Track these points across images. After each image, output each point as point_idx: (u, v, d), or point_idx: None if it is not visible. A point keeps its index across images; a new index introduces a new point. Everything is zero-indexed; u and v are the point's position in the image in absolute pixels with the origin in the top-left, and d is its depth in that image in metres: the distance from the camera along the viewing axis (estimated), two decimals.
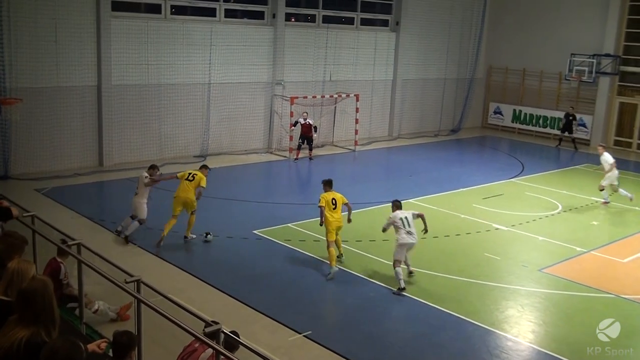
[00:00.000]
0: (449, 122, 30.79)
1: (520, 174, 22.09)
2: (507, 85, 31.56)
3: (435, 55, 29.59)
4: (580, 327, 10.85)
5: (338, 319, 10.72)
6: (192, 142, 22.21)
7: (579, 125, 28.54)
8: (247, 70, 23.07)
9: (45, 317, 4.57)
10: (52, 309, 4.64)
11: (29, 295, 4.57)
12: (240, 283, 11.94)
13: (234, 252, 13.56)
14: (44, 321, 4.56)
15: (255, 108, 23.64)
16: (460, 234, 15.30)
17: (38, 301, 4.56)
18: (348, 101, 25.47)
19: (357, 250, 13.78)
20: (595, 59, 27.66)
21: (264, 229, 14.87)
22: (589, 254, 14.38)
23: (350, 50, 26.14)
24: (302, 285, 11.98)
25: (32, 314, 4.54)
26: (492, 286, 12.34)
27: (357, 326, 10.42)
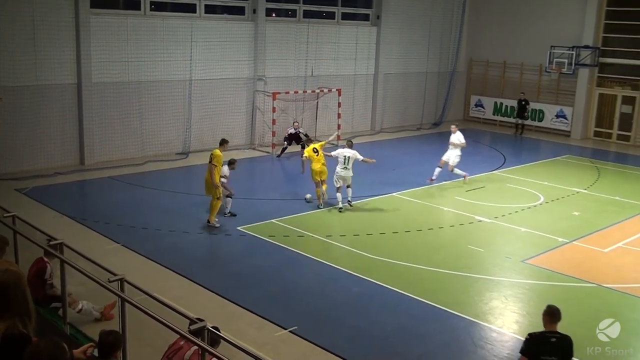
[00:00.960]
0: (431, 115, 30.92)
1: (502, 166, 22.25)
2: (488, 78, 31.74)
3: (417, 49, 29.68)
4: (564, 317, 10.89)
5: (323, 314, 10.74)
6: (174, 139, 22.10)
7: (557, 117, 28.85)
8: (228, 66, 22.99)
9: (20, 309, 4.54)
10: (26, 301, 4.60)
11: (2, 288, 4.53)
12: (224, 280, 11.93)
13: (218, 249, 13.54)
14: (19, 314, 4.53)
15: (237, 104, 23.58)
16: (444, 227, 15.39)
17: (11, 293, 4.53)
18: (330, 96, 25.48)
19: (341, 245, 13.82)
20: (574, 50, 27.90)
21: (248, 225, 14.85)
22: (571, 244, 14.52)
23: (332, 45, 26.14)
24: (287, 281, 11.99)
25: (6, 307, 4.50)
26: (475, 278, 12.43)
27: (342, 320, 10.46)
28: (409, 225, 15.36)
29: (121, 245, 13.39)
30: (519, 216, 16.47)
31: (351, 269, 12.47)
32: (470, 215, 16.23)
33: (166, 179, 19.06)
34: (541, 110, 29.71)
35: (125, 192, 17.51)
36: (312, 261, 12.88)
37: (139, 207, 16.19)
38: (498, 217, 16.25)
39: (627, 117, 27.69)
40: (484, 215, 16.27)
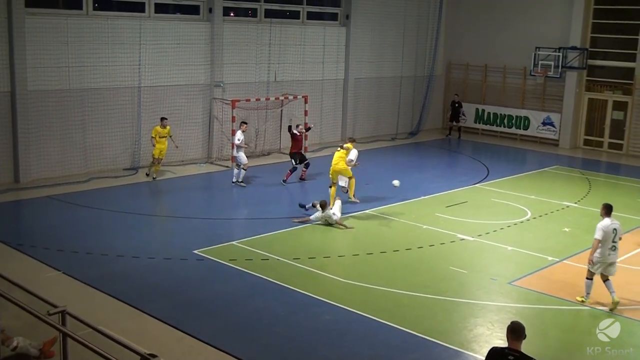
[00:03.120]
0: (407, 124, 31.19)
1: (485, 179, 22.51)
2: (468, 82, 32.17)
3: (390, 52, 29.96)
4: (556, 343, 11.09)
5: (292, 345, 10.69)
6: (121, 153, 21.90)
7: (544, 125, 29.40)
8: (182, 71, 22.92)
9: None
10: None
11: None
12: (180, 310, 11.81)
13: (172, 276, 13.41)
14: None
15: (192, 113, 23.48)
16: (423, 247, 15.49)
17: None
18: (296, 104, 25.54)
19: (310, 268, 13.80)
20: (561, 52, 28.46)
21: (206, 248, 14.75)
22: (561, 263, 14.72)
23: (297, 48, 26.24)
24: (251, 310, 11.91)
25: None
26: (459, 302, 12.50)
27: (312, 352, 10.42)
28: (385, 246, 15.41)
29: (62, 273, 13.18)
30: (504, 233, 16.65)
31: (322, 295, 12.45)
32: (451, 234, 16.36)
33: (113, 198, 18.85)
34: (526, 117, 30.19)
35: (66, 213, 17.27)
36: (278, 287, 12.82)
37: (82, 230, 15.97)
38: (482, 234, 16.41)
39: (619, 124, 28.28)
40: (466, 233, 16.40)
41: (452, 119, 31.03)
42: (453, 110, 30.91)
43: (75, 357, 6.57)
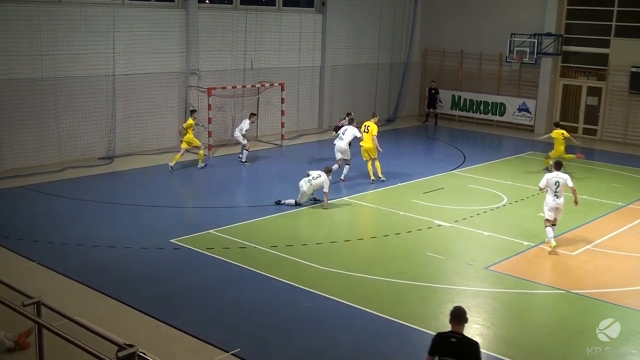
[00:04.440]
0: (384, 110, 31.17)
1: (461, 165, 22.63)
2: (444, 69, 32.25)
3: (366, 38, 29.93)
4: (531, 327, 11.21)
5: (270, 333, 10.70)
6: (97, 142, 21.71)
7: (519, 111, 29.60)
8: (157, 59, 22.73)
9: None
10: None
11: None
12: (157, 299, 11.76)
13: (149, 265, 13.35)
14: None
15: (167, 102, 23.33)
16: (401, 233, 15.55)
17: None
18: (272, 91, 25.46)
19: (288, 256, 13.81)
20: (536, 38, 28.62)
21: (183, 237, 14.70)
22: (537, 248, 14.86)
23: (273, 35, 26.12)
24: (228, 298, 11.90)
25: None
26: (436, 288, 12.59)
27: (292, 339, 10.44)
28: (362, 232, 15.46)
29: (37, 263, 13.07)
30: (481, 219, 16.77)
31: (299, 283, 12.47)
32: (428, 220, 16.44)
33: (88, 188, 18.69)
34: (502, 103, 30.36)
35: (40, 203, 17.09)
36: (256, 275, 12.82)
37: (57, 220, 15.83)
38: (458, 220, 16.51)
39: (593, 110, 28.55)
40: (443, 219, 16.50)
41: (428, 106, 31.12)
42: (430, 97, 31.00)
43: (52, 348, 6.52)
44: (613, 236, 15.78)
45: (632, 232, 16.17)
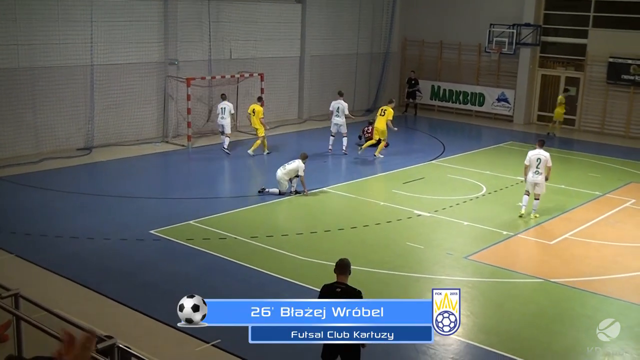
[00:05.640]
0: (364, 101, 31.23)
1: (441, 155, 22.73)
2: (423, 59, 32.31)
3: (346, 29, 29.90)
4: (510, 316, 11.32)
5: None
6: (74, 133, 21.52)
7: (498, 101, 29.77)
8: (136, 49, 22.54)
9: None
10: None
11: None
12: (137, 291, 11.73)
13: (129, 257, 13.29)
14: None
15: (146, 92, 23.17)
16: (380, 223, 15.60)
17: None
18: (252, 81, 25.37)
19: (268, 247, 13.81)
20: (515, 29, 28.76)
21: (162, 228, 14.64)
22: (516, 237, 15.00)
23: (252, 25, 25.99)
24: (208, 289, 11.87)
25: None
26: (416, 277, 12.67)
27: None
28: (343, 222, 15.49)
29: (15, 255, 12.96)
30: (460, 209, 16.87)
31: (280, 273, 12.48)
32: (408, 210, 16.51)
33: (66, 179, 18.54)
34: (481, 93, 30.50)
35: (18, 195, 16.93)
36: (236, 266, 12.82)
37: (35, 212, 15.70)
38: (438, 210, 16.60)
39: (571, 100, 28.75)
40: (423, 209, 16.58)
41: (408, 96, 31.19)
42: (409, 87, 31.08)
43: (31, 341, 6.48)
44: (590, 225, 15.95)
45: (609, 221, 16.36)
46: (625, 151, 24.62)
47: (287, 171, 17.02)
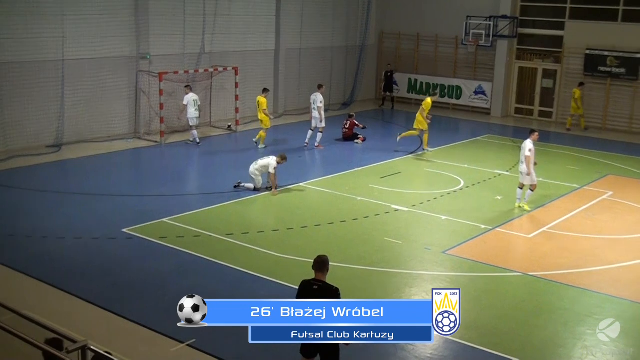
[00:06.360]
0: (340, 95, 31.24)
1: (418, 149, 22.79)
2: (400, 52, 32.38)
3: (322, 21, 29.86)
4: (488, 310, 11.39)
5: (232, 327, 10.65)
6: (44, 129, 21.27)
7: (475, 94, 29.94)
8: (107, 43, 22.31)
9: None
10: None
11: None
12: (109, 291, 11.63)
13: (100, 256, 13.18)
14: None
15: (118, 87, 22.97)
16: (358, 218, 15.62)
17: None
18: (226, 75, 25.26)
19: (244, 244, 13.77)
20: (492, 21, 28.91)
21: (135, 226, 14.54)
22: (494, 231, 15.10)
23: (226, 18, 25.86)
24: (183, 288, 11.75)
25: None
26: (394, 273, 12.70)
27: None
28: (320, 218, 15.49)
29: None
30: (438, 203, 16.94)
31: (256, 271, 12.45)
32: (386, 205, 16.55)
33: (36, 177, 18.34)
34: (458, 86, 30.63)
35: None
36: (211, 264, 12.77)
37: (4, 211, 15.51)
38: (416, 205, 16.66)
39: (549, 92, 29.02)
40: (400, 204, 16.62)
41: (385, 89, 31.26)
42: (386, 80, 31.13)
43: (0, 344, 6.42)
44: (568, 218, 16.11)
45: (586, 213, 16.52)
46: (603, 143, 24.90)
47: (259, 166, 17.00)
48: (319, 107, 22.25)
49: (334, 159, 21.51)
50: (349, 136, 23.49)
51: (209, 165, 20.73)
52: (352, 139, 23.45)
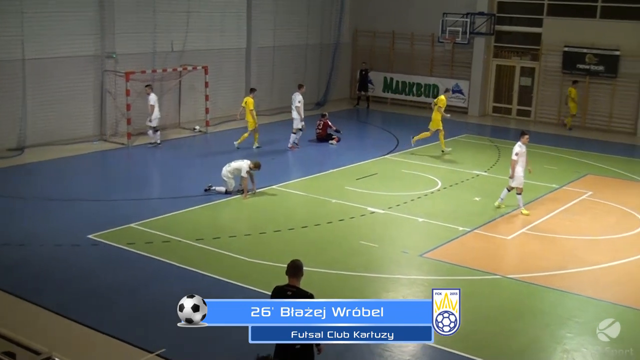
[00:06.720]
0: (314, 94, 31.22)
1: (395, 150, 22.88)
2: (375, 50, 32.46)
3: (295, 19, 29.86)
4: (467, 314, 11.31)
5: (197, 331, 10.59)
6: (6, 132, 21.03)
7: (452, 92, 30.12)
8: (71, 42, 22.13)
9: None
10: None
11: None
12: (75, 300, 11.52)
13: (65, 263, 13.05)
14: None
15: (82, 87, 22.77)
16: (333, 221, 15.62)
17: None
18: (196, 75, 25.15)
19: (215, 249, 13.72)
20: (469, 18, 29.08)
21: (101, 232, 14.42)
22: (473, 233, 15.18)
23: (195, 15, 25.75)
24: (152, 296, 11.75)
25: None
26: (370, 277, 12.72)
27: (222, 337, 10.37)
28: (293, 222, 15.47)
29: None
30: (415, 205, 17.00)
31: (228, 277, 12.40)
32: (361, 207, 16.57)
33: None
34: (435, 85, 30.77)
35: None
36: (181, 270, 12.70)
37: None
38: (392, 207, 16.70)
39: (527, 91, 29.27)
40: (377, 206, 16.66)
41: (360, 88, 31.33)
42: (361, 79, 31.20)
43: None
44: (547, 219, 16.25)
45: (566, 214, 16.69)
46: (582, 142, 25.18)
47: (232, 169, 16.96)
48: (297, 106, 22.32)
49: (308, 161, 21.53)
50: (323, 137, 23.51)
51: (179, 168, 20.61)
52: (327, 140, 23.47)
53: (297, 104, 22.37)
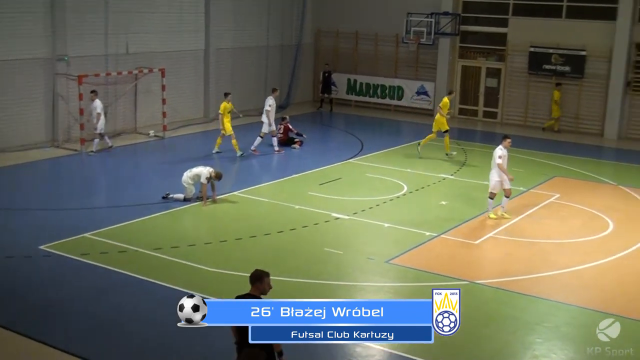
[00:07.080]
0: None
1: (359, 154, 22.94)
2: (339, 51, 32.55)
3: (255, 19, 29.83)
4: None
5: (155, 344, 10.49)
6: None
7: (419, 94, 30.34)
8: (20, 44, 21.85)
9: None
10: None
11: None
12: (25, 314, 11.34)
13: (15, 276, 12.83)
14: None
15: (32, 91, 22.48)
16: (296, 228, 15.59)
17: None
18: (152, 77, 24.96)
19: (174, 258, 13.59)
20: (433, 18, 29.31)
21: (54, 242, 14.22)
22: (440, 238, 15.27)
23: (151, 16, 25.60)
24: (107, 309, 11.59)
25: None
26: (334, 285, 12.71)
27: (181, 350, 10.28)
28: (255, 229, 15.40)
29: None
30: (380, 210, 17.05)
31: (187, 287, 12.23)
32: (325, 213, 16.57)
33: None
34: (400, 87, 30.98)
35: None
36: (138, 281, 12.56)
37: None
38: (357, 212, 16.72)
39: (493, 92, 29.58)
40: (341, 212, 16.67)
41: (323, 91, 31.36)
42: (324, 81, 31.24)
43: None
44: (515, 222, 16.41)
45: (534, 217, 16.87)
46: (549, 144, 25.51)
47: (193, 175, 16.87)
48: (266, 110, 22.27)
49: (270, 166, 21.49)
50: (285, 141, 23.45)
51: (135, 175, 20.43)
52: (289, 144, 23.43)
53: (267, 108, 22.27)
